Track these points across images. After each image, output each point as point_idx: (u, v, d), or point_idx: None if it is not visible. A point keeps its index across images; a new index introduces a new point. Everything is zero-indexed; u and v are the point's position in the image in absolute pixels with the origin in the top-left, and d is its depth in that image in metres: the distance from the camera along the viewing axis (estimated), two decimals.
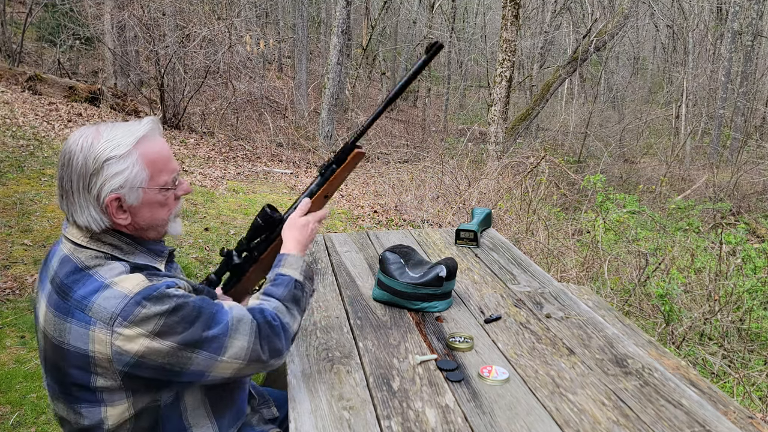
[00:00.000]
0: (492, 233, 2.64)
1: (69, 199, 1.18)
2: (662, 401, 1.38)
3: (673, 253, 4.82)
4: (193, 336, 1.15)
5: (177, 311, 1.14)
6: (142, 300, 1.11)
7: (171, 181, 1.25)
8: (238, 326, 1.20)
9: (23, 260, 4.12)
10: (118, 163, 1.16)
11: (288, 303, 1.33)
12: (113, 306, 1.10)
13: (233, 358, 1.19)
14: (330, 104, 10.89)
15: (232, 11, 11.53)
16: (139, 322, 1.10)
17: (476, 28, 22.32)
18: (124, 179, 1.16)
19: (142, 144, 1.19)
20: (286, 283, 1.36)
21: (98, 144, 1.16)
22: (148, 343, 1.11)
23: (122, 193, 1.17)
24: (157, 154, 1.22)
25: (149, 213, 1.22)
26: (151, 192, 1.21)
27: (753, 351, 3.51)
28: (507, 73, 9.00)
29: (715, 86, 16.33)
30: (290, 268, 1.40)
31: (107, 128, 1.19)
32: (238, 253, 1.52)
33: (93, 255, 1.18)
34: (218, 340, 1.17)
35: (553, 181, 7.24)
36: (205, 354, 1.16)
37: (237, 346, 1.19)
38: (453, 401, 1.35)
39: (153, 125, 1.23)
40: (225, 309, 1.22)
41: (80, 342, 1.12)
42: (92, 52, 13.11)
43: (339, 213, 6.83)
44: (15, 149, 6.48)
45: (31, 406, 2.69)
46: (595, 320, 1.80)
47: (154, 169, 1.21)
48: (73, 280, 1.15)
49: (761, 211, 9.41)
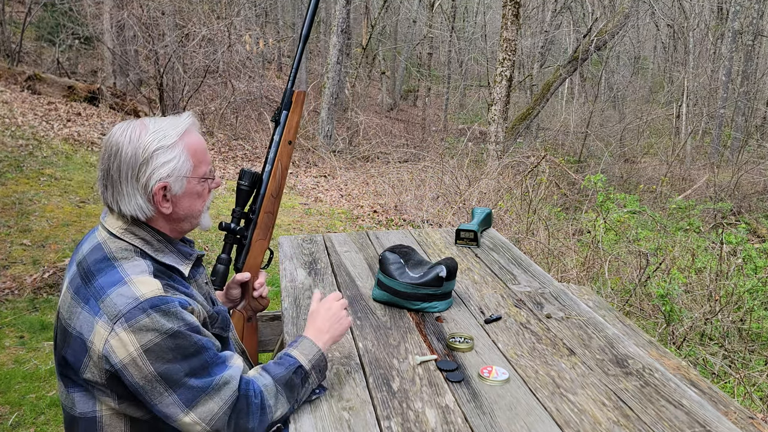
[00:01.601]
0: (492, 233, 2.64)
1: (116, 189, 1.21)
2: (663, 401, 1.38)
3: (674, 253, 4.81)
4: (176, 373, 1.13)
5: (175, 337, 1.13)
6: (149, 308, 1.12)
7: (209, 172, 1.31)
8: (221, 389, 1.17)
9: (22, 260, 4.11)
10: (166, 153, 1.21)
11: (280, 386, 1.26)
12: (122, 304, 1.12)
13: (198, 417, 1.15)
14: (329, 103, 10.88)
15: (231, 10, 11.52)
16: (137, 330, 1.11)
17: (476, 27, 22.31)
18: (171, 168, 1.22)
19: (186, 136, 1.26)
20: (288, 365, 1.30)
21: (146, 135, 1.21)
22: (135, 356, 1.11)
23: (169, 182, 1.22)
24: (198, 146, 1.28)
25: (188, 203, 1.28)
26: (194, 182, 1.27)
27: (754, 351, 3.50)
28: (507, 73, 9.00)
29: (715, 86, 16.33)
30: (301, 352, 1.34)
31: (152, 121, 1.25)
32: (236, 222, 1.59)
33: (123, 247, 1.22)
34: (194, 391, 1.15)
35: (553, 180, 7.23)
36: (176, 399, 1.14)
37: (208, 408, 1.15)
38: (453, 402, 1.34)
39: (193, 119, 1.30)
40: (222, 365, 1.20)
41: (84, 329, 1.14)
42: (91, 52, 13.10)
43: (339, 213, 6.82)
44: (14, 149, 6.47)
45: (30, 407, 2.69)
46: (595, 320, 1.79)
47: (196, 160, 1.27)
48: (99, 268, 1.19)
49: (762, 211, 9.40)
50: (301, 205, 6.99)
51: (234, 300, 1.64)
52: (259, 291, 1.64)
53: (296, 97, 1.67)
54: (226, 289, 1.62)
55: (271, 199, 1.63)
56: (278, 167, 1.64)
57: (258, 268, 1.64)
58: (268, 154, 1.64)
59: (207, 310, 1.29)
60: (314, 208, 6.93)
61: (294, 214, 6.56)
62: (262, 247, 1.63)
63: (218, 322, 1.34)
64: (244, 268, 1.62)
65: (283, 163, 1.65)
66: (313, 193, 7.74)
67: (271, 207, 1.63)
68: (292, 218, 6.33)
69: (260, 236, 1.62)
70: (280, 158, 1.64)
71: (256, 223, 1.61)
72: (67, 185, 5.85)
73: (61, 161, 6.54)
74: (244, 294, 1.64)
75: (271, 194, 1.63)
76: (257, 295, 1.65)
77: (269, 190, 1.62)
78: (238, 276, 1.61)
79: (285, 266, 2.16)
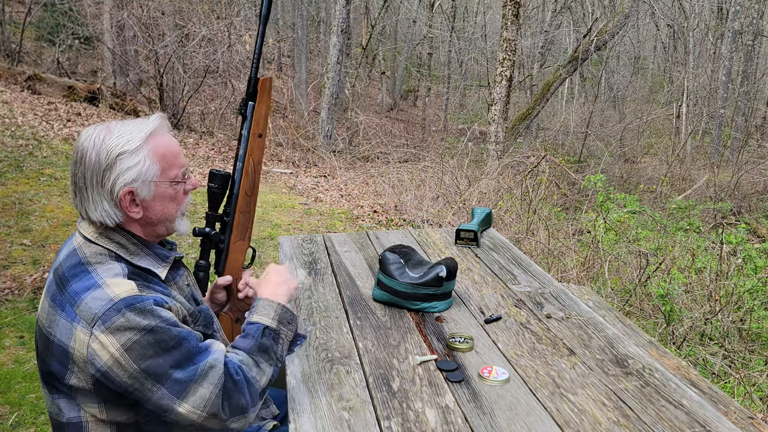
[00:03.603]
0: (492, 233, 2.64)
1: (83, 195, 1.20)
2: (663, 402, 1.38)
3: (674, 253, 4.81)
4: (161, 368, 1.13)
5: (154, 333, 1.12)
6: (124, 308, 1.11)
7: (181, 175, 1.28)
8: (208, 373, 1.17)
9: (22, 260, 4.12)
10: (131, 158, 1.19)
11: (255, 355, 1.26)
12: (97, 307, 1.11)
13: (192, 406, 1.15)
14: (329, 104, 10.88)
15: (231, 10, 11.51)
16: (115, 330, 1.10)
17: (476, 27, 22.30)
18: (136, 173, 1.20)
19: (153, 139, 1.23)
20: (254, 332, 1.29)
21: (110, 140, 1.19)
22: (117, 356, 1.10)
23: (135, 187, 1.20)
24: (167, 149, 1.26)
25: (161, 207, 1.26)
26: (163, 185, 1.25)
27: (754, 351, 3.50)
28: (507, 73, 9.00)
29: (715, 86, 16.32)
30: (260, 314, 1.33)
31: (117, 125, 1.22)
32: (211, 227, 1.55)
33: (98, 251, 1.20)
34: (181, 383, 1.14)
35: (553, 180, 7.23)
36: (165, 393, 1.13)
37: (199, 395, 1.15)
38: (453, 402, 1.34)
39: (161, 121, 1.27)
40: (205, 351, 1.19)
41: (64, 336, 1.13)
42: (91, 52, 13.09)
43: (339, 213, 6.82)
44: (14, 149, 6.47)
45: (30, 407, 2.69)
46: (595, 320, 1.79)
47: (164, 164, 1.24)
48: (73, 273, 1.17)
49: (762, 211, 9.40)
50: (301, 205, 6.99)
51: (221, 303, 1.61)
52: (243, 292, 1.60)
53: (261, 86, 1.57)
54: (209, 294, 1.60)
55: (245, 197, 1.58)
56: (249, 163, 1.57)
57: (239, 269, 1.60)
58: (238, 150, 1.57)
59: (187, 308, 1.28)
60: (314, 208, 6.93)
61: (294, 214, 6.56)
62: (242, 247, 1.59)
63: (201, 320, 1.33)
64: (225, 272, 1.58)
65: (255, 158, 1.58)
66: (313, 193, 7.74)
67: (246, 206, 1.58)
68: (292, 218, 6.33)
69: (238, 237, 1.57)
70: (250, 154, 1.57)
71: (232, 225, 1.56)
72: (67, 185, 5.85)
73: (61, 161, 6.54)
74: (230, 297, 1.62)
75: (245, 193, 1.57)
76: (242, 296, 1.61)
77: (243, 189, 1.57)
78: (220, 280, 1.58)
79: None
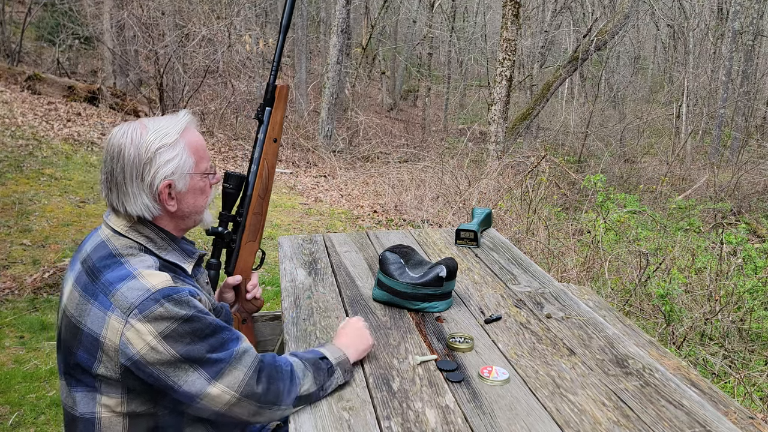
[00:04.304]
0: (492, 233, 2.64)
1: (121, 190, 1.23)
2: (663, 402, 1.38)
3: (674, 253, 4.81)
4: (197, 352, 1.16)
5: (191, 322, 1.16)
6: (162, 298, 1.14)
7: (210, 168, 1.34)
8: (242, 357, 1.22)
9: (22, 260, 4.11)
10: (169, 151, 1.24)
11: (308, 366, 1.31)
12: (134, 297, 1.14)
13: (226, 386, 1.18)
14: (330, 104, 10.88)
15: (231, 10, 11.50)
16: (153, 319, 1.13)
17: (476, 27, 22.29)
18: (175, 166, 1.25)
19: (186, 133, 1.28)
20: (315, 354, 1.36)
21: (147, 135, 1.23)
22: (153, 344, 1.13)
23: (173, 179, 1.25)
24: (198, 143, 1.31)
25: (192, 199, 1.31)
26: (196, 178, 1.30)
27: (754, 351, 3.50)
28: (507, 73, 9.00)
29: (715, 86, 16.31)
30: (327, 349, 1.39)
31: (150, 121, 1.27)
32: (224, 226, 1.57)
33: (128, 244, 1.24)
34: (218, 364, 1.18)
35: (553, 180, 7.23)
36: (203, 374, 1.16)
37: (233, 376, 1.19)
38: (453, 402, 1.34)
39: (191, 117, 1.32)
40: (237, 339, 1.24)
41: (95, 325, 1.15)
42: (91, 52, 13.09)
43: (339, 213, 6.82)
44: (14, 149, 6.47)
45: (30, 407, 2.69)
46: (595, 320, 1.79)
47: (197, 157, 1.29)
48: (105, 264, 1.20)
49: (762, 211, 9.39)
50: (301, 205, 6.99)
51: (229, 303, 1.64)
52: (252, 293, 1.64)
53: (279, 92, 1.62)
54: (218, 293, 1.63)
55: (258, 199, 1.61)
56: (264, 167, 1.61)
57: (249, 270, 1.63)
58: (253, 153, 1.61)
59: (212, 303, 1.33)
60: (314, 208, 6.93)
61: (294, 214, 6.56)
62: (252, 248, 1.62)
63: (222, 317, 1.37)
64: (235, 272, 1.61)
65: (269, 162, 1.62)
66: (313, 193, 7.74)
67: (258, 208, 1.61)
68: (292, 218, 6.33)
69: (249, 238, 1.60)
70: (265, 157, 1.61)
71: (245, 226, 1.59)
72: (67, 185, 5.86)
73: (61, 161, 6.54)
74: (238, 297, 1.64)
75: (258, 195, 1.61)
76: (250, 297, 1.64)
77: (256, 191, 1.60)
78: (230, 279, 1.61)
79: (285, 266, 2.16)
